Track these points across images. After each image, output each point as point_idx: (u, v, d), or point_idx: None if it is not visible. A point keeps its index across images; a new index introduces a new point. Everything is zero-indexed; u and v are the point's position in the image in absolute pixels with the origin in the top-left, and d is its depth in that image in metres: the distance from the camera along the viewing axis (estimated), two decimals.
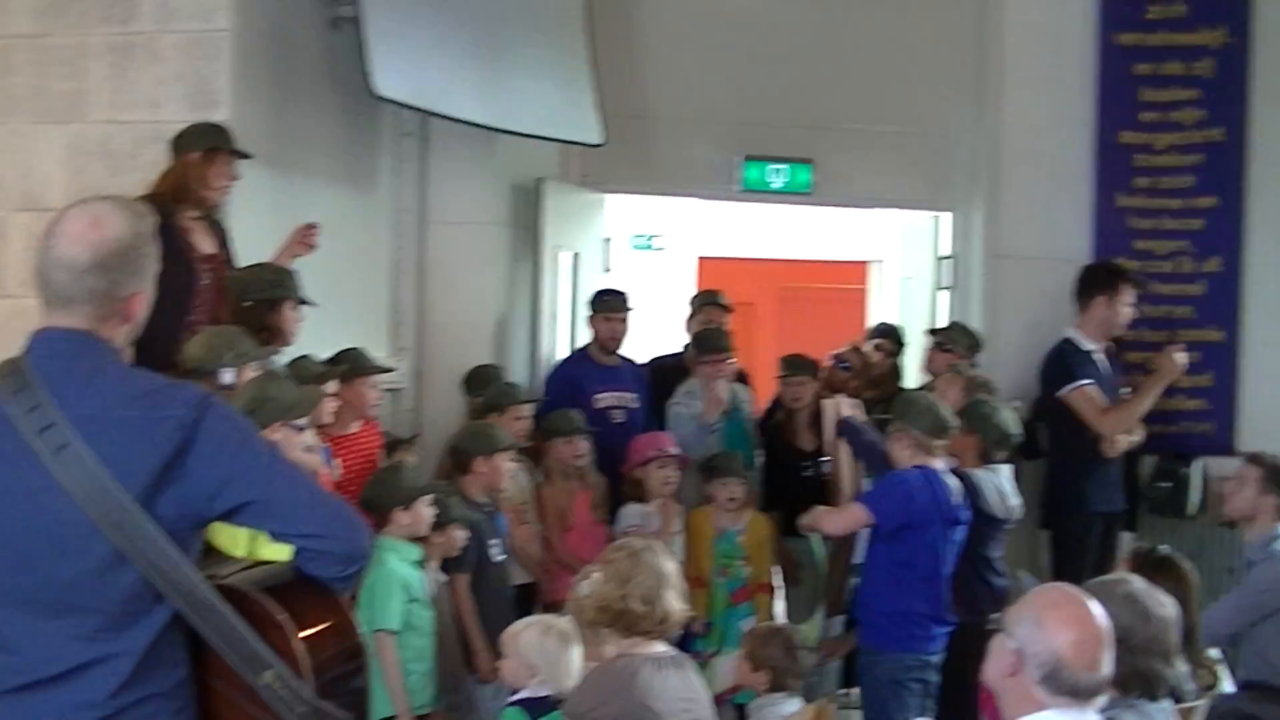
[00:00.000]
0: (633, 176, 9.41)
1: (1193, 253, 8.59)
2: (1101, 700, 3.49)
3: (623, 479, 7.47)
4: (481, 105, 7.75)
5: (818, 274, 16.13)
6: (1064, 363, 7.65)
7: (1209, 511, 8.13)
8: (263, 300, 5.75)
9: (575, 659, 4.94)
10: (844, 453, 6.91)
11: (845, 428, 6.94)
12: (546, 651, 4.92)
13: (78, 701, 2.88)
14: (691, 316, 8.81)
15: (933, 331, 8.34)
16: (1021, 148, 8.68)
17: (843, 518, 6.38)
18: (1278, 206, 8.54)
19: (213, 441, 2.90)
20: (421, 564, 5.82)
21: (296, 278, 5.90)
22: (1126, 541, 7.98)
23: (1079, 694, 3.42)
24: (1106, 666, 3.45)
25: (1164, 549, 5.12)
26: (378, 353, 6.94)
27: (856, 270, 15.76)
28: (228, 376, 5.12)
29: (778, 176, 9.31)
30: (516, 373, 8.35)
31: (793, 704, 5.64)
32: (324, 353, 6.27)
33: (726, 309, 8.70)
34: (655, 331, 10.16)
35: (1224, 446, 8.41)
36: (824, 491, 7.61)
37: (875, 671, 6.14)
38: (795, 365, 8.17)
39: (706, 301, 8.80)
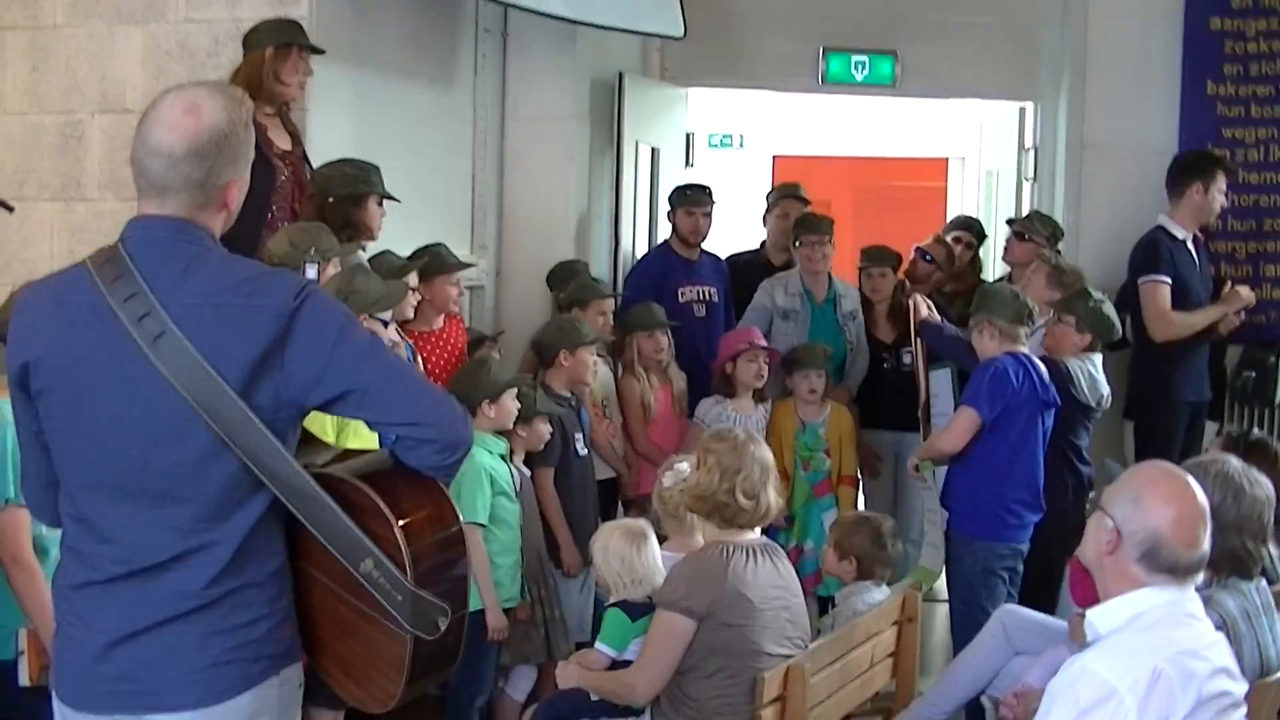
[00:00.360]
0: (713, 70, 9.30)
1: None
2: (1199, 578, 3.47)
3: (709, 373, 7.44)
4: None
5: (896, 171, 15.97)
6: (1151, 251, 7.56)
7: None
8: (347, 196, 5.75)
9: (655, 554, 4.93)
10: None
11: (925, 328, 6.91)
12: (633, 558, 4.89)
13: (174, 591, 2.90)
14: (769, 210, 8.78)
15: (1012, 221, 8.24)
16: (1108, 36, 8.55)
17: (956, 431, 6.17)
18: None
19: (311, 330, 2.88)
20: (507, 457, 5.84)
21: (380, 174, 5.88)
22: (1211, 432, 7.94)
23: (1177, 571, 3.39)
24: (1205, 544, 3.43)
25: (1258, 433, 5.08)
26: (459, 250, 6.91)
27: (936, 167, 15.61)
28: (311, 272, 5.12)
29: (860, 69, 9.18)
30: (598, 268, 8.31)
31: (880, 592, 5.63)
32: (404, 250, 6.26)
33: (805, 202, 8.65)
34: (732, 230, 10.06)
35: None
36: (902, 384, 7.62)
37: (966, 560, 6.13)
38: (876, 256, 8.13)
39: (785, 194, 8.76)
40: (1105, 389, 6.58)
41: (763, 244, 8.83)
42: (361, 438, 4.88)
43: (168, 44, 6.54)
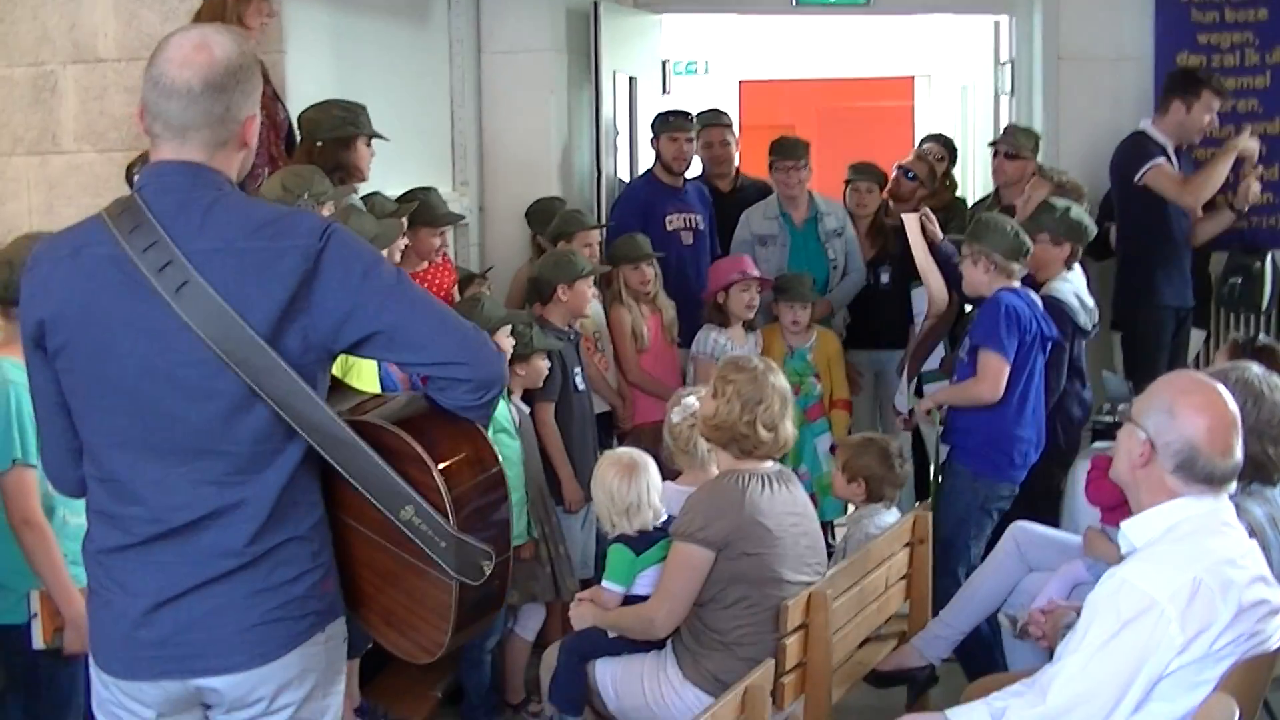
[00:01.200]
0: None
1: (1256, 44, 8.45)
2: (1233, 487, 3.47)
3: (697, 301, 7.41)
4: None
5: (862, 92, 15.92)
6: (1136, 148, 7.54)
7: None
8: (336, 139, 5.67)
9: (650, 487, 4.88)
10: (933, 272, 6.80)
11: (943, 248, 6.82)
12: (620, 489, 4.84)
13: (214, 550, 2.84)
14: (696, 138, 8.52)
15: (994, 142, 8.19)
16: None
17: (990, 379, 5.94)
18: None
19: (337, 270, 2.81)
20: (504, 394, 5.79)
21: (367, 114, 5.80)
22: (1196, 338, 7.97)
23: (1213, 480, 3.39)
24: (1239, 452, 3.42)
25: (1265, 338, 5.08)
26: (441, 188, 6.86)
27: (902, 86, 15.58)
28: None
29: None
30: (581, 201, 8.27)
31: (890, 515, 5.61)
32: (387, 190, 6.19)
33: (726, 127, 8.50)
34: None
35: None
36: (881, 302, 7.59)
37: (966, 495, 6.06)
38: (863, 170, 8.11)
39: (707, 123, 8.47)
40: (1092, 304, 6.57)
41: (704, 173, 8.57)
42: (364, 380, 4.85)
43: None
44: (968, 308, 6.98)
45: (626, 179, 8.74)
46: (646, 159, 8.23)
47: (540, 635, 6.04)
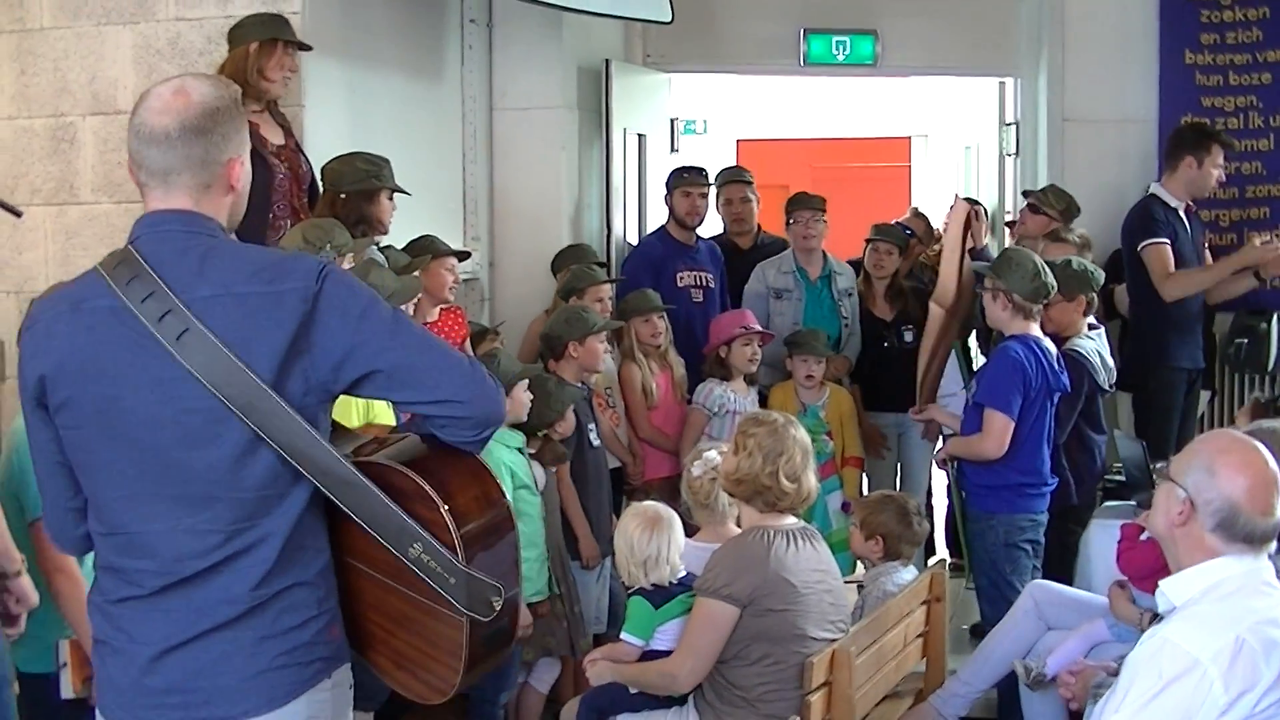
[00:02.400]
0: (694, 54, 9.31)
1: (1260, 108, 8.48)
2: (1273, 546, 3.47)
3: (704, 358, 7.41)
4: None
5: (858, 152, 16.01)
6: (1145, 217, 7.55)
7: None
8: (359, 191, 5.69)
9: (671, 542, 4.85)
10: (952, 264, 6.83)
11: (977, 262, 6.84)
12: (640, 543, 4.82)
13: (221, 596, 2.82)
14: (716, 197, 8.53)
15: (1027, 193, 8.22)
16: (1085, 8, 8.61)
17: (995, 437, 5.98)
18: None
19: (335, 310, 2.81)
20: (524, 450, 5.78)
21: (390, 167, 5.83)
22: (1203, 399, 7.99)
23: (1254, 540, 3.37)
24: (1279, 511, 3.42)
25: None
26: (452, 243, 6.84)
27: (898, 146, 15.68)
28: None
29: (841, 49, 9.20)
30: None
31: (909, 573, 5.60)
32: (396, 244, 6.19)
33: (747, 184, 8.47)
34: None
35: None
36: (904, 363, 7.60)
37: (988, 536, 6.09)
38: (884, 231, 8.10)
39: (727, 180, 8.50)
40: (1113, 364, 6.61)
41: (725, 229, 8.64)
42: (385, 420, 4.85)
43: (159, 43, 6.47)
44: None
45: (634, 237, 8.74)
46: (654, 216, 8.25)
47: (553, 690, 6.02)
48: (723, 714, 4.59)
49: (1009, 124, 9.38)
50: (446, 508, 2.87)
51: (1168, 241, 7.45)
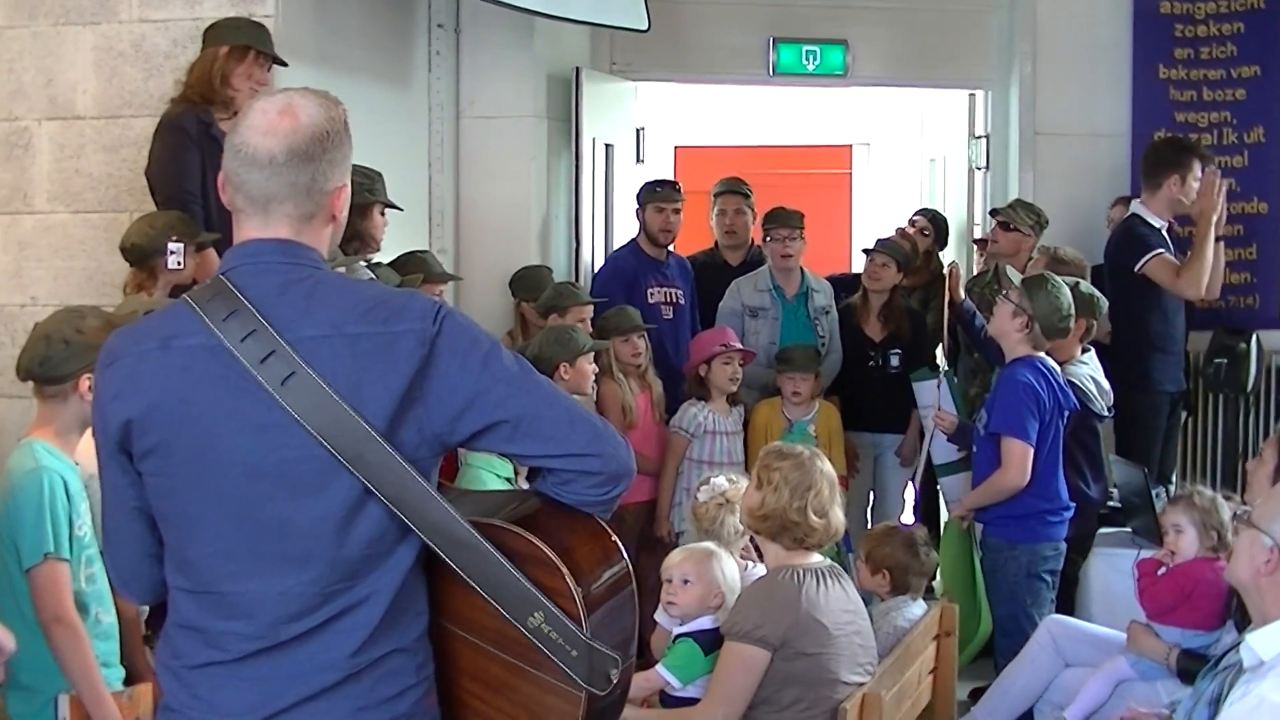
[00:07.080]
0: (662, 63, 9.10)
1: (1234, 124, 8.43)
2: None
3: (677, 376, 7.22)
4: None
5: (798, 159, 15.86)
6: (1135, 237, 7.35)
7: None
8: (354, 206, 5.39)
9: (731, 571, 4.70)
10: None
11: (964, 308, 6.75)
12: (730, 578, 4.66)
13: (318, 663, 2.57)
14: (711, 208, 8.45)
15: (995, 211, 8.08)
16: (1058, 21, 8.53)
17: (1013, 469, 5.88)
18: None
19: (455, 355, 2.57)
20: (513, 480, 5.55)
21: (384, 181, 5.57)
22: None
23: None
24: None
25: None
26: None
27: (838, 155, 15.55)
28: (175, 250, 5.04)
29: (810, 59, 9.05)
30: (560, 271, 8.05)
31: (918, 607, 5.38)
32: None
33: (745, 195, 8.38)
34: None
35: (1272, 319, 8.32)
36: (888, 385, 7.44)
37: (1010, 567, 5.93)
38: (883, 244, 7.86)
39: (724, 190, 8.37)
40: (1107, 387, 6.50)
41: (716, 244, 8.51)
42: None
43: (121, 45, 6.22)
44: None
45: (601, 249, 8.53)
46: (620, 228, 8.02)
47: None
48: None
49: (979, 137, 9.25)
50: (570, 575, 2.61)
51: (1164, 250, 7.31)
